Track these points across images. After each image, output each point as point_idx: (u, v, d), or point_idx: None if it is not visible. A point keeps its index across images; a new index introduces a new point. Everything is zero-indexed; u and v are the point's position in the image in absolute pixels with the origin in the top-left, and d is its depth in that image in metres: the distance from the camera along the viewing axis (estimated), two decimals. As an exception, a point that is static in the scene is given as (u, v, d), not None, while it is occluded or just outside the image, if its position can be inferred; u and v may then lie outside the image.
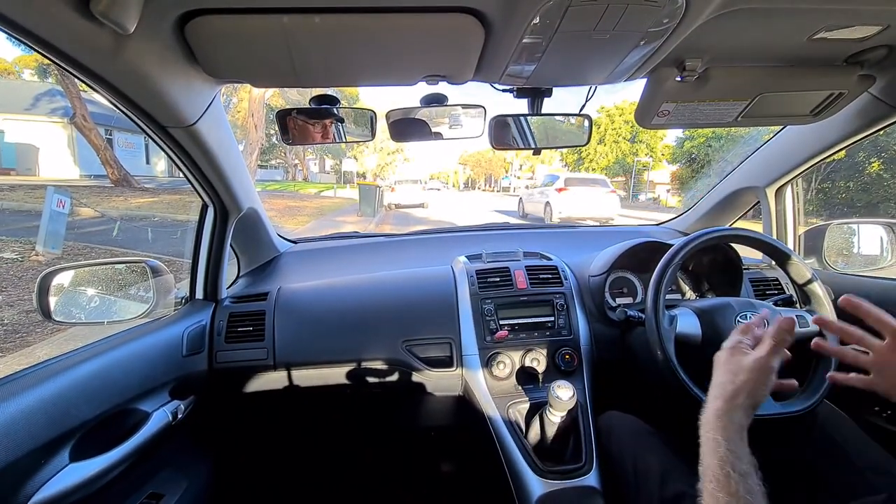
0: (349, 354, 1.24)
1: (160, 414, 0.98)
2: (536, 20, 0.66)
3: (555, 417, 1.00)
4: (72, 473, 0.75)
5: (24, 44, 0.61)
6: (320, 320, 1.27)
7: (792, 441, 0.96)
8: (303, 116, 1.02)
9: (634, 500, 0.89)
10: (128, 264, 1.15)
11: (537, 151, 1.14)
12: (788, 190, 1.50)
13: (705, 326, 1.01)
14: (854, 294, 0.69)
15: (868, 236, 1.47)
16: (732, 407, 0.61)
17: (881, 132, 1.17)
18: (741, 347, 0.69)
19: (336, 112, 1.02)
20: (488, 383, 1.18)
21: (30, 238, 5.39)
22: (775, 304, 1.09)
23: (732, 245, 1.29)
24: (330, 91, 1.03)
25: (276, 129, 1.06)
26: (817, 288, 1.02)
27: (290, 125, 1.03)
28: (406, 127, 1.06)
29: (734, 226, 1.74)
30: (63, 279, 0.99)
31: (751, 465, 0.55)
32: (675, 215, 1.97)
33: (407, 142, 1.13)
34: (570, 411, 1.00)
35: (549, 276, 1.33)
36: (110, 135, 16.48)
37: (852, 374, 0.72)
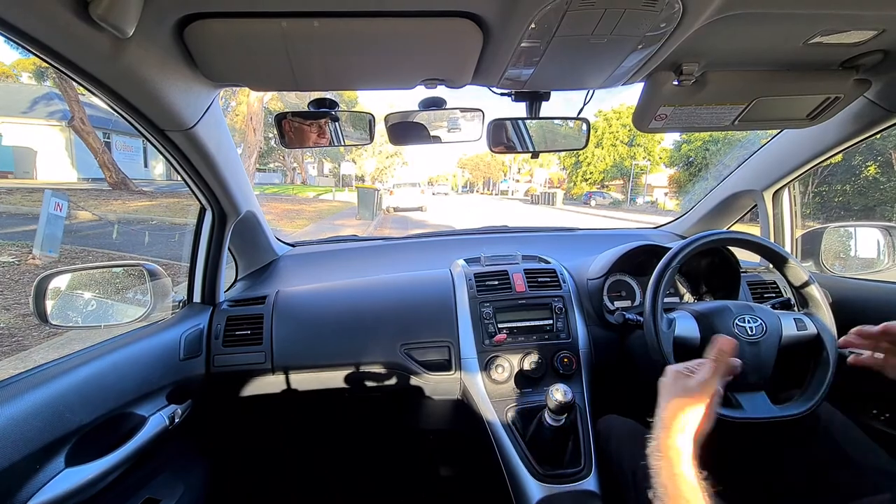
0: (347, 358, 1.24)
1: (157, 418, 0.97)
2: (534, 25, 0.66)
3: (553, 421, 1.00)
4: (67, 478, 0.74)
5: (23, 47, 0.61)
6: (318, 324, 1.27)
7: (794, 443, 0.96)
8: (301, 120, 1.03)
9: (633, 504, 0.88)
10: (125, 268, 1.15)
11: (535, 155, 1.15)
12: (785, 193, 1.51)
13: (704, 329, 1.02)
14: (852, 297, 0.70)
15: (865, 239, 1.47)
16: (677, 436, 0.62)
17: (877, 136, 1.17)
18: (684, 371, 0.71)
19: (334, 115, 1.02)
20: (487, 387, 1.17)
21: (27, 241, 5.37)
22: (773, 306, 1.09)
23: (730, 248, 1.29)
24: (328, 94, 1.03)
25: (275, 132, 1.06)
26: (815, 291, 1.03)
27: (289, 128, 1.03)
28: (404, 130, 1.07)
29: (732, 229, 1.74)
30: (60, 283, 0.98)
31: (696, 490, 0.56)
32: (672, 218, 1.98)
33: (405, 145, 1.14)
34: (568, 415, 0.99)
35: (548, 279, 1.33)
36: (108, 138, 16.44)
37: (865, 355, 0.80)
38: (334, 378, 1.25)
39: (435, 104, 0.98)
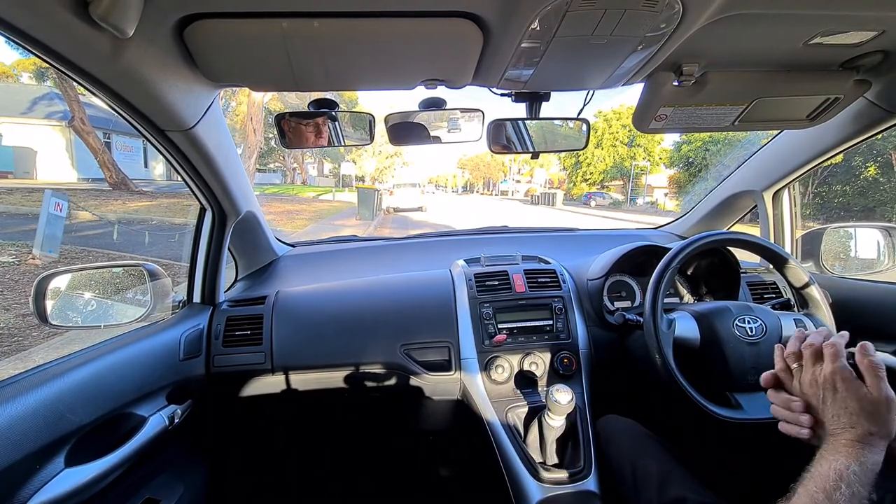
0: (347, 358, 1.24)
1: (157, 418, 0.97)
2: (535, 25, 0.67)
3: (553, 421, 1.00)
4: (67, 479, 0.74)
5: (23, 47, 0.61)
6: (318, 324, 1.27)
7: (794, 443, 0.96)
8: (301, 120, 1.03)
9: (633, 505, 0.88)
10: (125, 268, 1.15)
11: (535, 155, 1.15)
12: (785, 194, 1.51)
13: (703, 330, 1.02)
14: (852, 298, 0.68)
15: (865, 240, 1.47)
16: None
17: (877, 136, 1.17)
18: None
19: (334, 115, 1.02)
20: (487, 387, 1.17)
21: (27, 241, 5.37)
22: (773, 307, 1.09)
23: (730, 249, 1.29)
24: (328, 94, 1.03)
25: (275, 132, 1.06)
26: (814, 291, 1.03)
27: (289, 129, 1.03)
28: (404, 131, 1.07)
29: (732, 229, 1.74)
30: (60, 283, 0.98)
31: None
32: (672, 219, 1.98)
33: (405, 145, 1.14)
34: (568, 415, 1.00)
35: (548, 279, 1.33)
36: (108, 138, 16.46)
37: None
38: (334, 378, 1.25)
39: (435, 105, 0.98)
